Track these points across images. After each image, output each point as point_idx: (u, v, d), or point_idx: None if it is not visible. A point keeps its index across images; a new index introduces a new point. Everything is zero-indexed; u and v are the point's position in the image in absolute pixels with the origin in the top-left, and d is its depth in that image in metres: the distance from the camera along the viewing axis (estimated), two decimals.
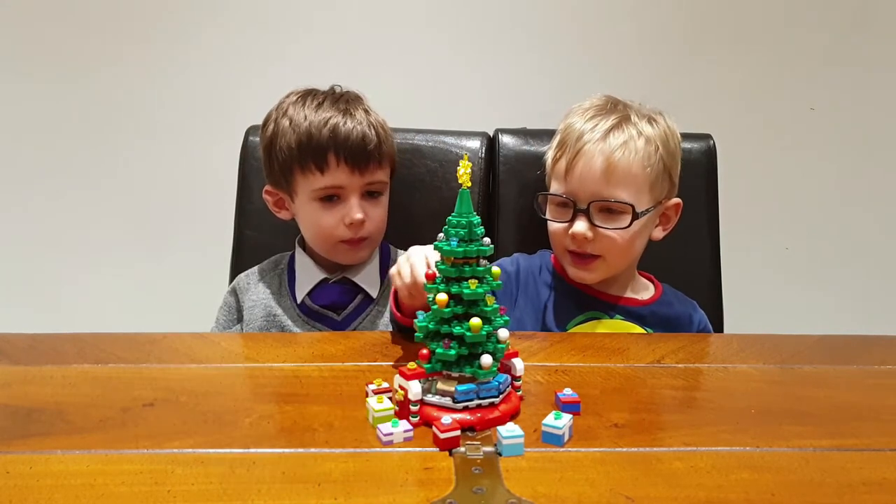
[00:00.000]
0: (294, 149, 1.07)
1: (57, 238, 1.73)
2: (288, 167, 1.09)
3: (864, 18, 1.74)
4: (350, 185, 1.08)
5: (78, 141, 1.70)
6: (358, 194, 1.09)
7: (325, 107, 1.09)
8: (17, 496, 0.56)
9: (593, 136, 1.05)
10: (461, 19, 1.69)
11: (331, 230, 1.10)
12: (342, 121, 1.07)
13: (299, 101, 1.10)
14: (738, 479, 0.61)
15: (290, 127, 1.08)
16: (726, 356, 0.94)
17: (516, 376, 0.75)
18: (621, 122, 1.07)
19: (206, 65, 1.67)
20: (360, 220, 1.08)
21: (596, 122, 1.07)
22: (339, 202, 1.09)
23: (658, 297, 1.15)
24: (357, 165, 1.07)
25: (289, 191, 1.12)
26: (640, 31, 1.71)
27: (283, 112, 1.10)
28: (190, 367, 0.84)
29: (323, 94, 1.12)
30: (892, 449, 0.67)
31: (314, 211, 1.10)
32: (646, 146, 1.06)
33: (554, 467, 0.62)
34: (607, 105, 1.11)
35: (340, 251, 1.12)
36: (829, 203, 1.82)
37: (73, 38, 1.65)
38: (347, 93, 1.15)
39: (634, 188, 1.05)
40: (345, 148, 1.06)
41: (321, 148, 1.06)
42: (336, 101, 1.10)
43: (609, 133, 1.06)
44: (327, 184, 1.08)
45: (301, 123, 1.07)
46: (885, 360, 0.91)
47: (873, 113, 1.78)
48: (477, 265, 0.69)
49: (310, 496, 0.57)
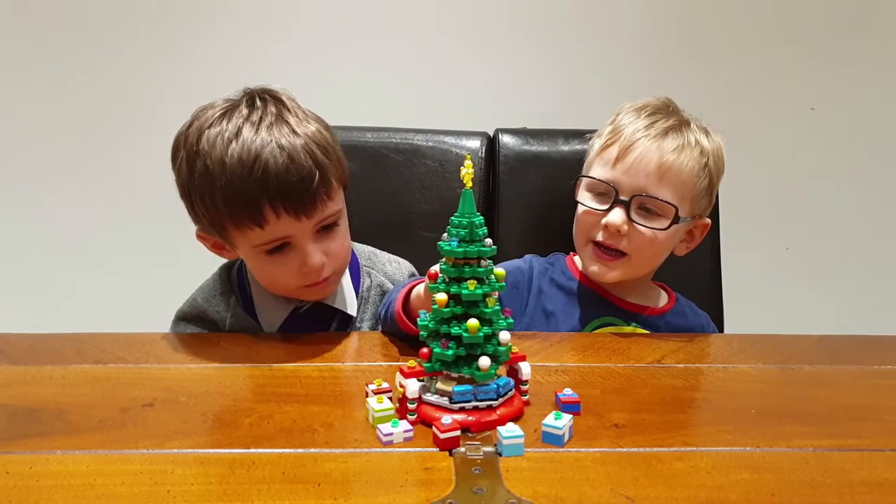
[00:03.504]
0: (220, 205, 0.88)
1: (57, 238, 1.73)
2: (219, 222, 0.90)
3: (864, 18, 1.74)
4: (299, 232, 0.90)
5: (78, 140, 1.70)
6: (310, 237, 0.91)
7: (244, 137, 0.87)
8: (17, 496, 0.56)
9: (651, 132, 1.03)
10: (461, 19, 1.69)
11: (286, 281, 0.94)
12: (271, 157, 0.85)
13: (213, 127, 0.89)
14: (739, 479, 0.61)
15: (208, 174, 0.87)
16: (726, 356, 0.94)
17: (523, 380, 0.74)
18: (681, 126, 1.06)
19: (207, 64, 1.67)
20: (318, 265, 0.92)
21: (654, 120, 1.05)
22: (289, 249, 0.92)
23: (672, 305, 1.14)
24: (303, 211, 0.88)
25: (225, 239, 0.94)
26: (640, 31, 1.71)
27: (194, 146, 0.89)
28: (190, 367, 0.84)
29: (238, 113, 0.90)
30: (892, 449, 0.67)
31: (262, 263, 0.93)
32: (700, 157, 1.04)
33: (554, 467, 0.62)
34: (667, 107, 1.10)
35: (304, 293, 0.97)
36: (829, 203, 1.82)
37: (73, 38, 1.65)
38: (266, 104, 0.91)
39: (680, 194, 1.03)
40: (282, 195, 0.86)
41: (253, 201, 0.86)
42: (256, 125, 0.88)
43: (668, 133, 1.04)
44: (271, 238, 0.89)
45: (220, 173, 0.86)
46: (885, 360, 0.91)
47: (873, 113, 1.78)
48: (478, 266, 0.69)
49: (310, 496, 0.57)
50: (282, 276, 0.93)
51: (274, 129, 0.88)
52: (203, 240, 0.98)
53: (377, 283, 1.07)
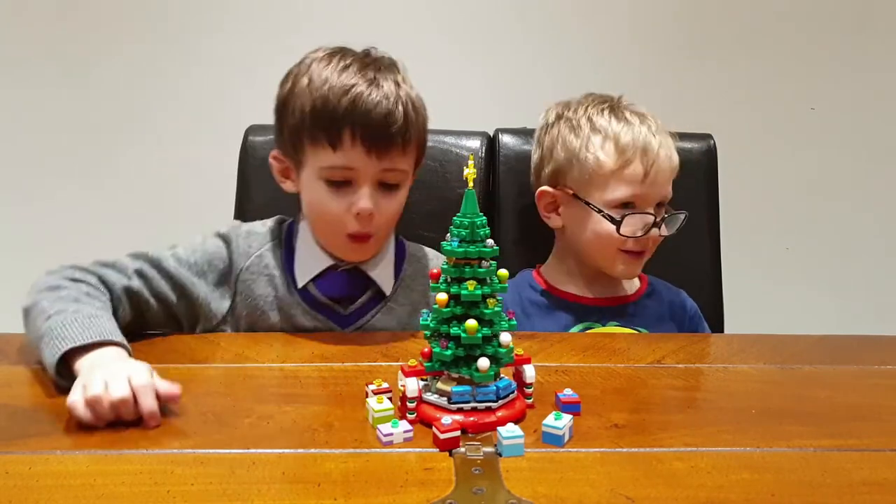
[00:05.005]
0: (307, 115, 0.93)
1: (57, 238, 1.73)
2: (297, 135, 0.95)
3: (863, 18, 1.74)
4: (364, 168, 0.93)
5: (78, 141, 1.70)
6: (371, 182, 0.94)
7: (351, 71, 0.93)
8: (17, 496, 0.56)
9: (653, 138, 1.06)
10: (461, 19, 1.69)
11: (336, 217, 0.95)
12: (366, 91, 0.92)
13: (324, 59, 0.96)
14: (739, 479, 0.61)
15: (308, 88, 0.93)
16: (726, 356, 0.94)
17: (527, 383, 0.73)
18: (647, 118, 1.10)
19: (207, 64, 1.67)
20: (368, 210, 0.93)
21: (638, 121, 1.08)
22: (348, 187, 0.94)
23: (645, 288, 1.16)
24: (375, 147, 0.92)
25: (296, 161, 0.98)
26: (640, 31, 1.71)
27: (305, 68, 0.96)
28: (190, 367, 0.84)
29: (352, 56, 0.97)
30: (892, 449, 0.67)
31: (320, 191, 0.95)
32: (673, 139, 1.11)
33: (554, 468, 0.62)
34: (620, 98, 1.13)
35: (340, 244, 0.98)
36: (829, 203, 1.82)
37: (73, 38, 1.65)
38: (381, 58, 0.99)
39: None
40: (363, 124, 0.91)
41: (336, 120, 0.91)
42: (365, 67, 0.95)
43: (657, 132, 1.08)
44: (338, 163, 0.93)
45: (319, 86, 0.92)
46: (885, 360, 0.91)
47: (873, 113, 1.78)
48: (478, 266, 0.69)
49: (310, 496, 0.57)
50: (332, 210, 0.95)
51: (380, 74, 0.95)
52: (275, 161, 1.02)
53: (422, 274, 1.06)
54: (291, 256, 1.02)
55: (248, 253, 1.01)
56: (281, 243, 1.03)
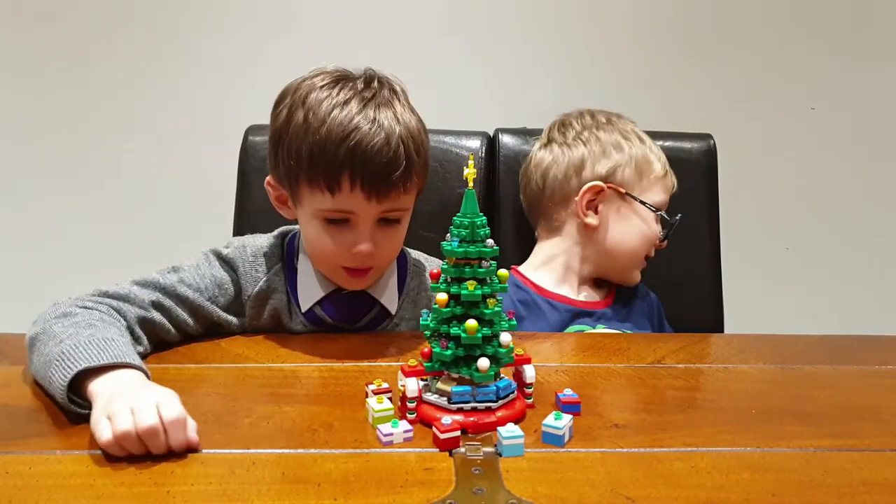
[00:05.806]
0: (304, 158, 0.89)
1: (57, 238, 1.73)
2: (294, 175, 0.91)
3: (863, 19, 1.74)
4: (363, 212, 0.90)
5: (78, 141, 1.70)
6: (371, 222, 0.91)
7: (351, 108, 0.89)
8: (17, 496, 0.56)
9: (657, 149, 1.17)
10: (461, 19, 1.68)
11: (333, 255, 0.93)
12: (367, 136, 0.87)
13: (323, 90, 0.91)
14: (739, 479, 0.61)
15: (304, 125, 0.89)
16: (727, 356, 0.94)
17: (527, 383, 0.73)
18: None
19: (207, 64, 1.67)
20: (367, 251, 0.91)
21: (644, 135, 1.17)
22: (347, 226, 0.91)
23: (615, 294, 1.19)
24: (376, 192, 0.88)
25: (292, 196, 0.96)
26: (640, 31, 1.71)
27: (301, 99, 0.91)
28: (190, 367, 0.84)
29: (352, 87, 0.92)
30: (892, 449, 0.67)
31: (316, 229, 0.93)
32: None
33: (554, 468, 0.62)
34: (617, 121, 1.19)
35: (339, 276, 0.96)
36: (829, 203, 1.82)
37: (73, 38, 1.65)
38: (382, 89, 0.94)
39: None
40: (364, 171, 0.87)
41: (335, 166, 0.87)
42: (365, 103, 0.90)
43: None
44: (336, 207, 0.90)
45: (317, 128, 0.88)
46: (885, 360, 0.91)
47: (873, 113, 1.78)
48: (478, 266, 0.69)
49: (310, 496, 0.57)
50: (330, 249, 0.93)
51: (381, 110, 0.90)
52: (271, 188, 0.99)
53: (426, 287, 1.04)
54: (294, 275, 1.00)
55: (256, 279, 0.98)
56: (285, 265, 1.01)
